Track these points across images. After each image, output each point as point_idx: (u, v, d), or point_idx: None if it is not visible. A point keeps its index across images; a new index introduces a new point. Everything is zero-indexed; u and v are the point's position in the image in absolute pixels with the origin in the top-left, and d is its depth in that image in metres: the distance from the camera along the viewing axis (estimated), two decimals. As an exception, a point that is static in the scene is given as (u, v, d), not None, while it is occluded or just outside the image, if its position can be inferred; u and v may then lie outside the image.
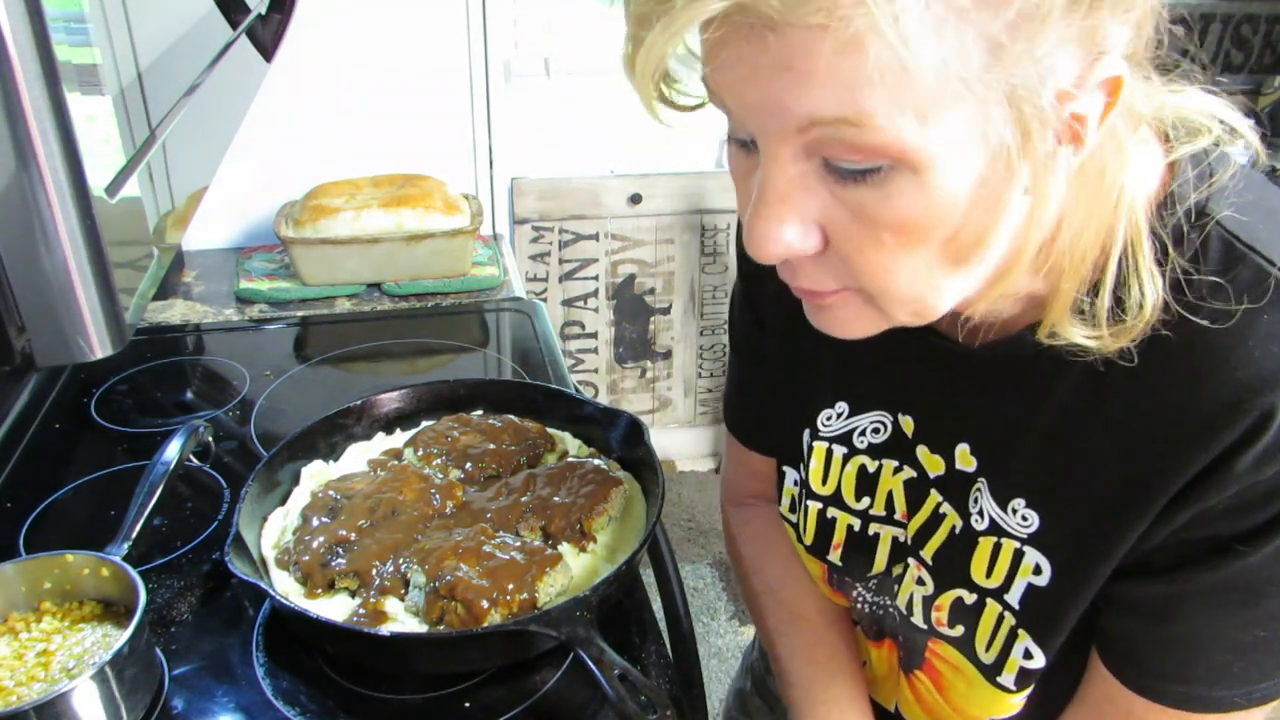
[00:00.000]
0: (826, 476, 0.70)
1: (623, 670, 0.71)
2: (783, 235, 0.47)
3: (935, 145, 0.42)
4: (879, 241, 0.46)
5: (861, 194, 0.45)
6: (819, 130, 0.43)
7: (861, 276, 0.48)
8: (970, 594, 0.63)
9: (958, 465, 0.62)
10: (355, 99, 1.74)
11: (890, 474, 0.67)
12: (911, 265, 0.47)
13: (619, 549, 0.89)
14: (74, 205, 0.39)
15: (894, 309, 0.50)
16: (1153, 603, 0.56)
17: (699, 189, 2.31)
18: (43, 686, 0.73)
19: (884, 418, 0.67)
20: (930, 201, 0.44)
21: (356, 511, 0.89)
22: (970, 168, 0.44)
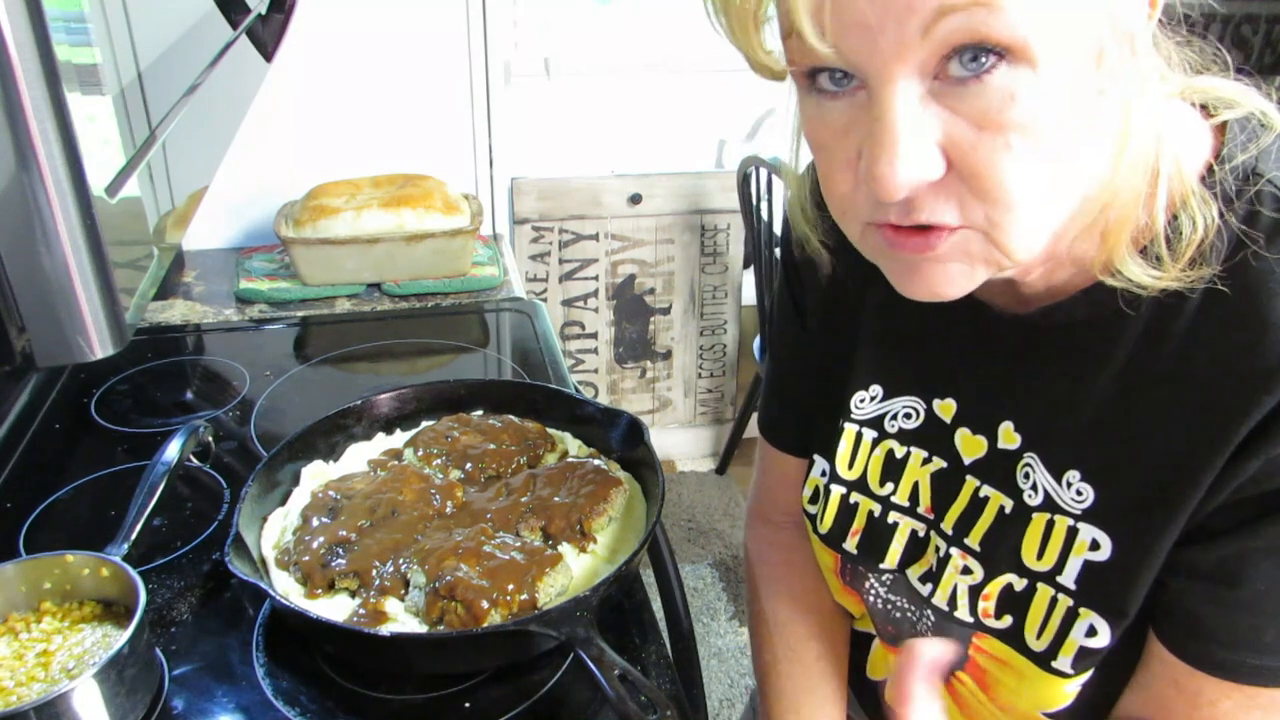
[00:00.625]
0: (854, 460, 0.70)
1: (623, 670, 0.71)
2: (914, 157, 0.46)
3: (1048, 36, 0.43)
4: (1008, 145, 0.46)
5: (983, 98, 0.45)
6: (947, 20, 0.42)
7: (990, 186, 0.47)
8: (1020, 579, 0.61)
9: (1000, 444, 0.62)
10: (355, 99, 1.74)
11: (919, 464, 0.67)
12: (1033, 174, 0.46)
13: (619, 549, 0.89)
14: (74, 205, 0.39)
15: (1010, 235, 0.48)
16: (1219, 565, 0.54)
17: (699, 189, 2.31)
18: (43, 687, 0.73)
19: (916, 404, 0.67)
20: (1046, 95, 0.45)
21: (356, 512, 0.89)
22: (1077, 66, 0.45)
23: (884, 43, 0.44)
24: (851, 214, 0.52)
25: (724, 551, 2.36)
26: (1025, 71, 0.44)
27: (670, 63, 2.18)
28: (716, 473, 2.67)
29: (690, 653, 0.96)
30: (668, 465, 2.68)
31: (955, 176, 0.47)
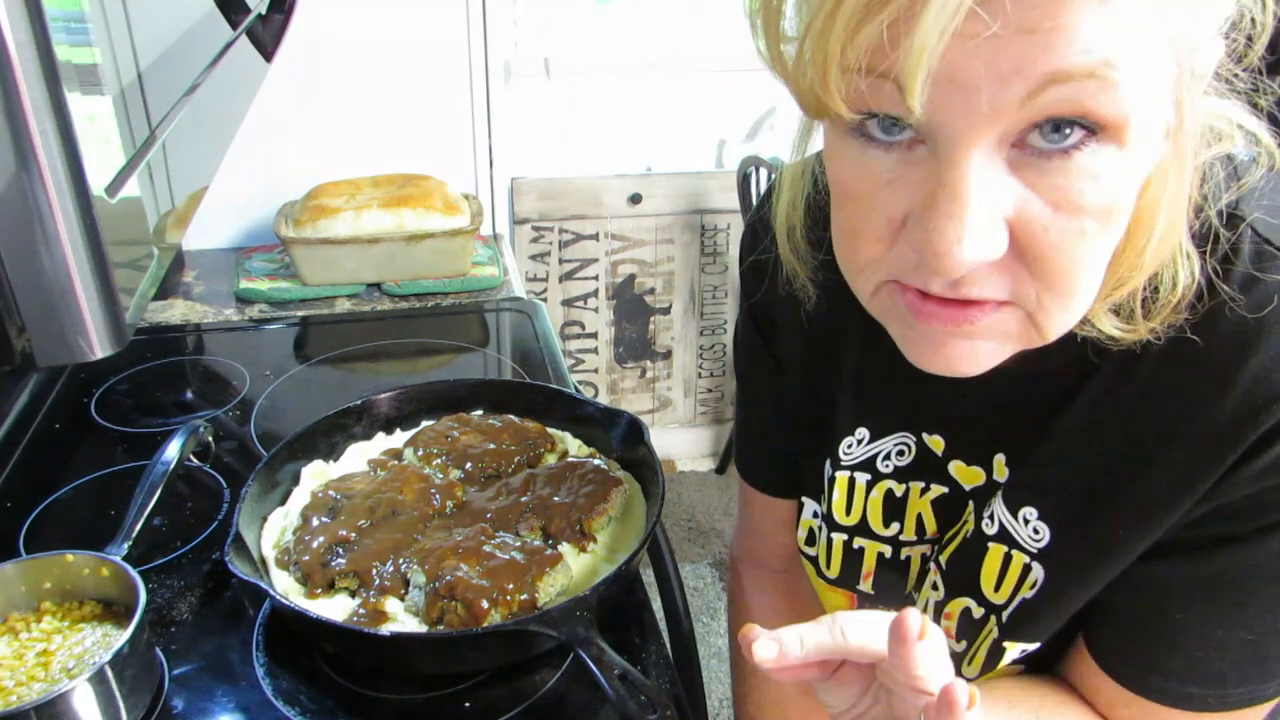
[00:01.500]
0: (850, 506, 0.68)
1: (623, 670, 0.71)
2: (983, 235, 0.41)
3: (1140, 111, 0.40)
4: (1082, 231, 0.42)
5: (1066, 176, 0.41)
6: (1055, 90, 0.38)
7: (1056, 275, 0.44)
8: (978, 607, 0.62)
9: (994, 475, 0.61)
10: (355, 99, 1.74)
11: (918, 495, 0.65)
12: (1097, 257, 0.44)
13: (619, 549, 0.89)
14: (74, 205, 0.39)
15: (1053, 322, 0.46)
16: (1147, 588, 0.55)
17: (699, 189, 2.31)
18: (43, 686, 0.73)
19: (908, 439, 0.65)
20: (1125, 179, 0.42)
21: (356, 511, 0.89)
22: (1150, 144, 0.42)
23: (978, 105, 0.39)
24: (871, 271, 0.48)
25: (724, 551, 2.36)
26: (1113, 150, 0.40)
27: (670, 63, 2.18)
28: (716, 472, 2.67)
29: (690, 653, 0.96)
30: (668, 465, 2.68)
31: (1016, 254, 0.44)
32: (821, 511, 0.70)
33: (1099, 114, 0.39)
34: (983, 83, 0.39)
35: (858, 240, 0.47)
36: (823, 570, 0.72)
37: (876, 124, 0.44)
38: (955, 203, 0.41)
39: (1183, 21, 0.39)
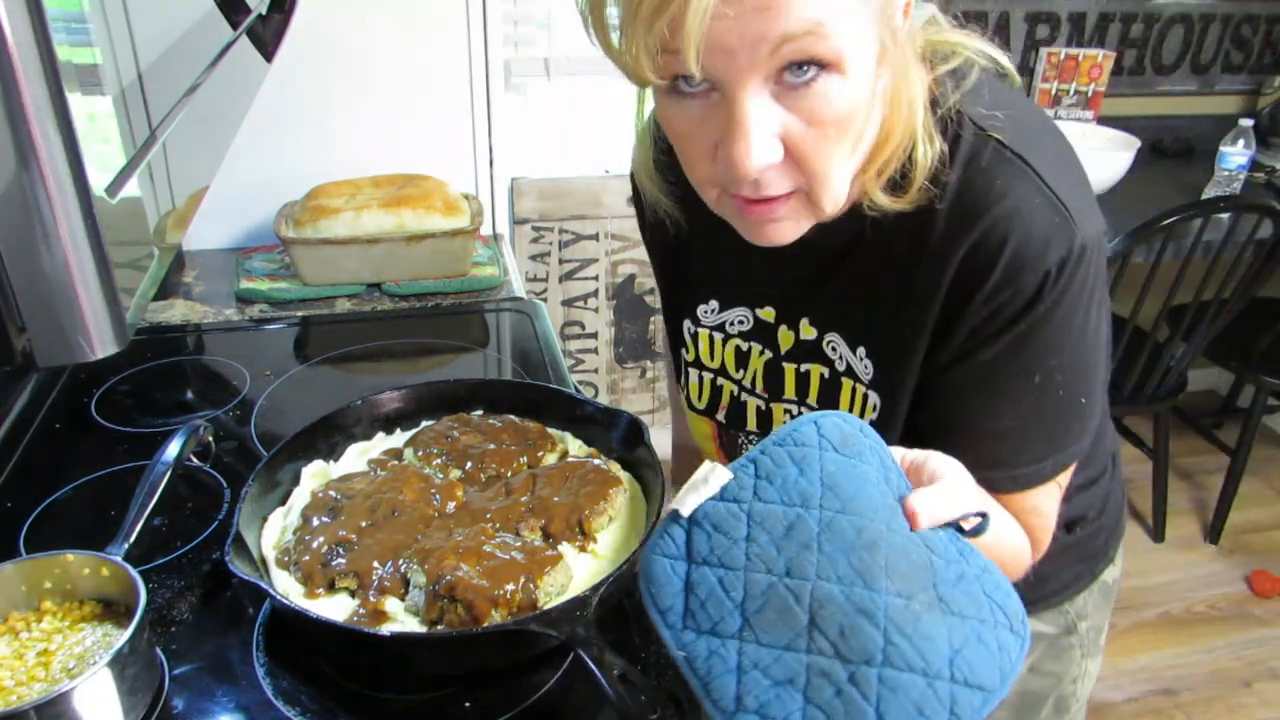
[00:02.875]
0: (713, 354, 0.88)
1: (623, 670, 0.71)
2: (765, 147, 0.60)
3: (853, 51, 0.58)
4: (825, 136, 0.61)
5: (808, 101, 0.59)
6: (788, 45, 0.56)
7: (813, 167, 0.62)
8: None
9: (801, 336, 0.81)
10: (355, 99, 1.74)
11: (756, 355, 0.85)
12: (841, 153, 0.62)
13: (619, 549, 0.89)
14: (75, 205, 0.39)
15: (825, 199, 0.65)
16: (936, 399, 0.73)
17: (699, 189, 2.31)
18: (43, 686, 0.73)
19: (745, 312, 0.85)
20: (851, 96, 0.60)
21: (357, 511, 0.89)
22: (869, 67, 0.60)
23: (740, 61, 0.57)
24: (708, 185, 0.67)
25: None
26: (837, 79, 0.59)
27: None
28: (716, 473, 2.67)
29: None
30: (667, 465, 2.68)
31: (789, 158, 0.62)
32: (688, 359, 0.91)
33: (821, 56, 0.57)
34: (739, 47, 0.56)
35: (692, 164, 0.66)
36: (694, 402, 0.93)
37: (683, 83, 0.61)
38: (739, 129, 0.59)
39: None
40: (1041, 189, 0.65)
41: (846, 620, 0.52)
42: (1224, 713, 2.02)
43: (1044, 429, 0.71)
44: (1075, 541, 0.89)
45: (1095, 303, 0.69)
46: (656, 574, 0.57)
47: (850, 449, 0.58)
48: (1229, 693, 2.06)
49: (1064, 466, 0.73)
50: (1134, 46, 2.63)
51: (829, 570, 0.54)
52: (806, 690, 0.52)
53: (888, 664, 0.52)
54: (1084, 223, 0.66)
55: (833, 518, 0.55)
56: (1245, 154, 2.27)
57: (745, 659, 0.53)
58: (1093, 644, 0.95)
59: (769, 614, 0.54)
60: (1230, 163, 2.28)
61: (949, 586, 0.55)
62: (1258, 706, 2.04)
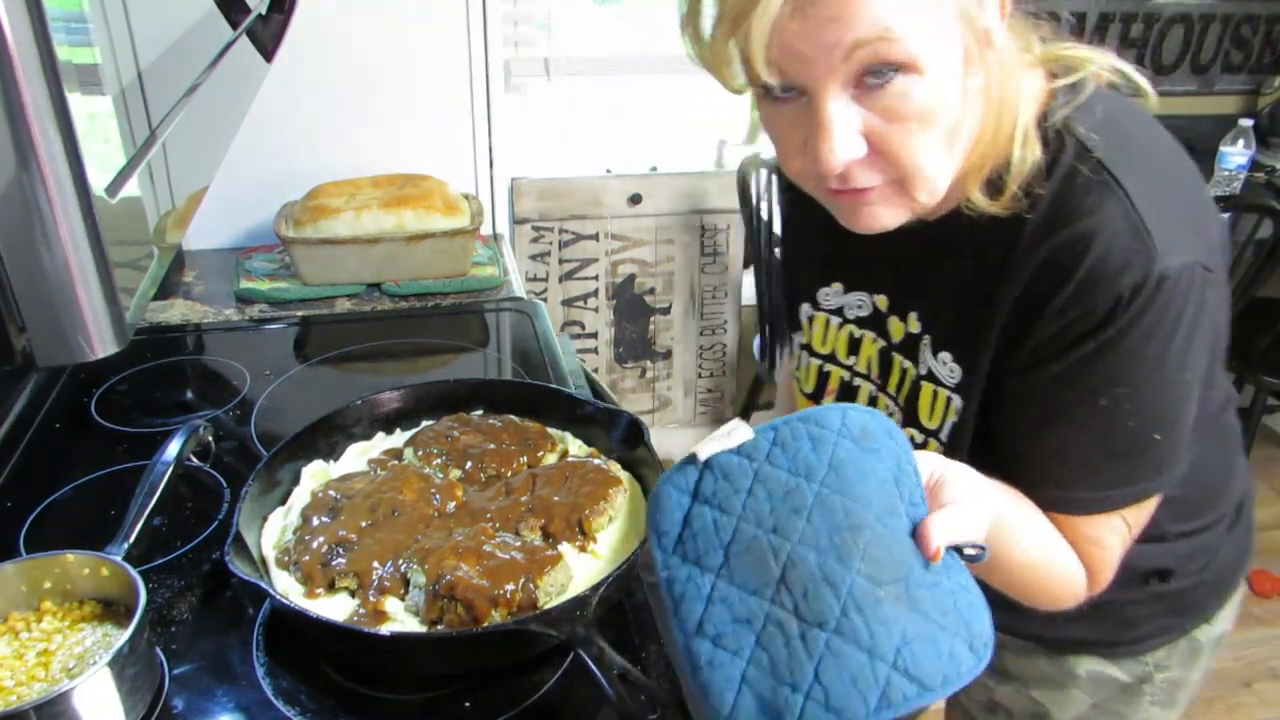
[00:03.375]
0: (826, 339, 0.91)
1: (623, 670, 0.71)
2: (847, 144, 0.64)
3: (934, 50, 0.62)
4: (908, 133, 0.64)
5: (888, 99, 0.63)
6: (860, 51, 0.60)
7: (899, 162, 0.66)
8: (919, 434, 0.81)
9: (910, 329, 0.82)
10: (355, 99, 1.74)
11: (869, 342, 0.87)
12: (928, 148, 0.65)
13: (619, 549, 0.89)
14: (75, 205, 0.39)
15: (918, 189, 0.67)
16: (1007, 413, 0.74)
17: (699, 189, 2.31)
18: (43, 686, 0.73)
19: (865, 298, 0.87)
20: (933, 92, 0.63)
21: (357, 511, 0.89)
22: (951, 66, 0.64)
23: (818, 69, 0.62)
24: (804, 179, 0.71)
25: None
26: (915, 78, 0.62)
27: (670, 63, 2.18)
28: (716, 473, 2.67)
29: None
30: (667, 465, 2.68)
31: (875, 153, 0.66)
32: (802, 343, 0.94)
33: (893, 59, 0.61)
34: (814, 55, 0.61)
35: (787, 160, 0.71)
36: (802, 386, 0.95)
37: (778, 89, 0.65)
38: (823, 129, 0.64)
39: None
40: (1130, 213, 0.65)
41: (812, 585, 0.57)
42: (1224, 712, 2.01)
43: (1108, 457, 0.70)
44: (1168, 592, 0.87)
45: (1182, 338, 0.67)
46: (663, 500, 0.63)
47: (868, 444, 0.62)
48: (1229, 692, 2.06)
49: (1131, 501, 0.72)
50: (1134, 46, 2.63)
51: (811, 538, 0.58)
52: (760, 634, 0.57)
53: (838, 633, 0.56)
54: (1170, 253, 0.65)
55: (829, 495, 0.59)
56: (1245, 154, 2.27)
57: (716, 592, 0.59)
58: (1167, 695, 0.92)
59: (747, 560, 0.59)
60: (1230, 163, 2.28)
61: (920, 588, 0.58)
62: (1258, 706, 2.04)
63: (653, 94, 2.26)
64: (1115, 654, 0.90)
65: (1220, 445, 0.86)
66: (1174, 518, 0.82)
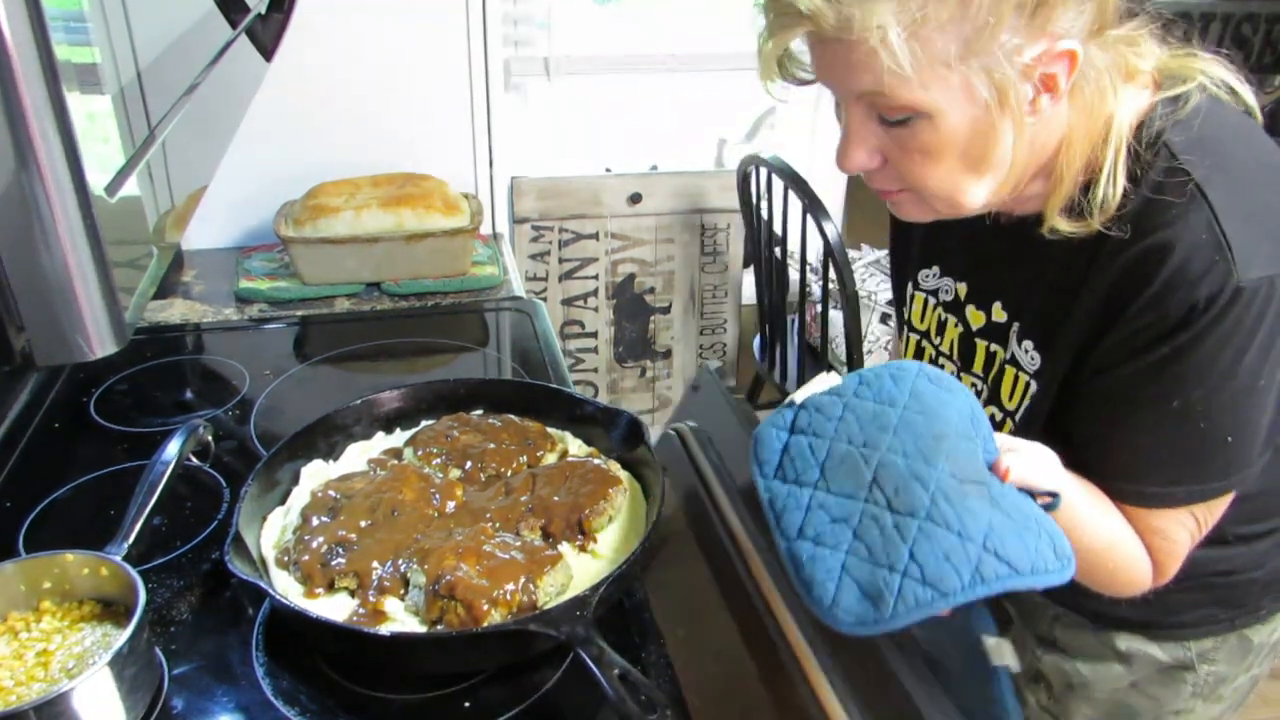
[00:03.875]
0: (924, 317, 0.97)
1: (623, 670, 0.71)
2: (856, 156, 0.74)
3: (936, 103, 0.68)
4: (913, 161, 0.72)
5: (899, 133, 0.71)
6: (865, 97, 0.70)
7: (910, 181, 0.74)
8: (999, 413, 0.87)
9: (994, 318, 0.87)
10: (355, 99, 1.74)
11: (951, 326, 0.93)
12: (936, 175, 0.72)
13: (619, 549, 0.89)
14: (74, 204, 0.39)
15: (934, 203, 0.75)
16: (1084, 409, 0.78)
17: (699, 189, 2.31)
18: (43, 686, 0.73)
19: (950, 284, 0.93)
20: (940, 136, 0.70)
21: (357, 511, 0.89)
22: (965, 113, 0.69)
23: (843, 94, 0.72)
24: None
25: (724, 551, 2.36)
26: (925, 121, 0.69)
27: (670, 63, 2.18)
28: (716, 472, 2.67)
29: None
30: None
31: (891, 168, 0.74)
32: (905, 318, 1.01)
33: (898, 108, 0.69)
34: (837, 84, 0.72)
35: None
36: (903, 359, 0.98)
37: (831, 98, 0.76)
38: (844, 137, 0.74)
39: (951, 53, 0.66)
40: (1212, 226, 0.68)
41: (902, 482, 0.64)
42: (1224, 712, 2.02)
43: (1179, 456, 0.74)
44: (1217, 585, 0.89)
45: (1257, 348, 0.69)
46: (763, 436, 0.71)
47: (944, 384, 0.69)
48: (1229, 692, 2.06)
49: (1200, 499, 0.75)
50: (1134, 46, 2.63)
51: (898, 447, 0.65)
52: (858, 529, 0.64)
53: (929, 519, 0.62)
54: (1250, 266, 0.68)
55: (912, 416, 0.67)
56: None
57: (814, 501, 0.66)
58: (1210, 690, 0.94)
59: (841, 471, 0.66)
60: (1230, 162, 2.28)
61: (1002, 495, 0.64)
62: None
63: (653, 94, 2.26)
64: (1156, 634, 0.93)
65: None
66: (1238, 520, 0.83)
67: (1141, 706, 0.96)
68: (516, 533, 0.88)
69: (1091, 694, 0.97)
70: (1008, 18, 0.65)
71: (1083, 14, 0.67)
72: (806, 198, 1.89)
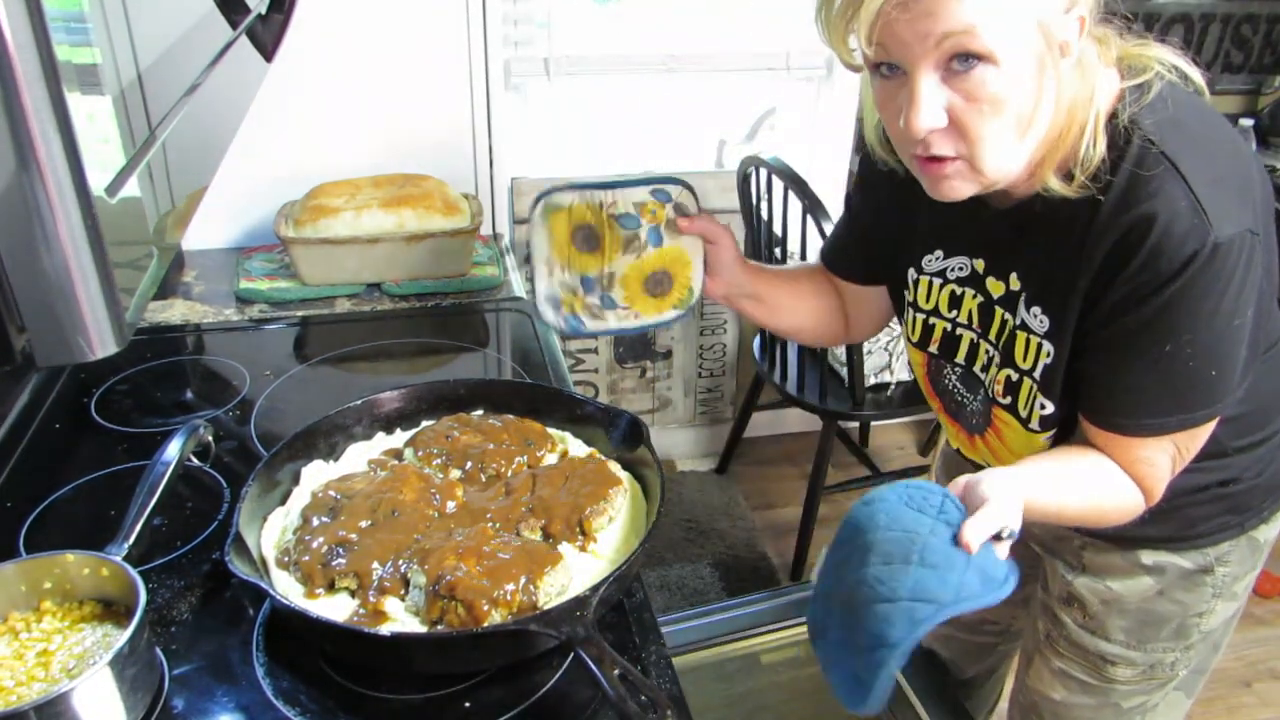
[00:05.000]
0: (930, 297, 1.04)
1: (623, 670, 0.71)
2: (929, 114, 0.78)
3: (1010, 47, 0.75)
4: (981, 112, 0.78)
5: (969, 84, 0.77)
6: (949, 41, 0.75)
7: (971, 135, 0.79)
8: (1015, 373, 0.95)
9: (1011, 287, 0.94)
10: (355, 99, 1.74)
11: (970, 298, 1.00)
12: (998, 130, 0.79)
13: (619, 549, 0.89)
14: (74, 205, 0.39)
15: (989, 164, 0.81)
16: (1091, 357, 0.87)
17: (699, 189, 2.31)
18: (43, 686, 0.73)
19: (965, 260, 0.99)
20: (1006, 83, 0.77)
21: (357, 511, 0.89)
22: (1025, 64, 0.77)
23: (915, 52, 0.77)
24: (901, 146, 0.86)
25: (725, 552, 2.36)
26: (992, 69, 0.76)
27: (670, 63, 2.18)
28: (716, 472, 2.67)
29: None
30: (667, 465, 2.68)
31: (954, 127, 0.80)
32: (909, 300, 1.07)
33: (976, 50, 0.75)
34: (912, 40, 0.76)
35: (891, 130, 0.85)
36: (909, 336, 1.09)
37: (885, 68, 0.81)
38: (914, 99, 0.78)
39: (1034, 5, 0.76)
40: (1188, 194, 0.79)
41: (862, 593, 0.79)
42: (1224, 713, 2.02)
43: (1170, 390, 0.85)
44: (1227, 494, 1.01)
45: (1233, 292, 0.81)
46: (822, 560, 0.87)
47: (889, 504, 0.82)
48: (1229, 693, 2.06)
49: (1188, 426, 0.86)
50: (1134, 46, 2.63)
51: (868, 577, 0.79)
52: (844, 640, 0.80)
53: (871, 602, 0.77)
54: (1223, 224, 0.79)
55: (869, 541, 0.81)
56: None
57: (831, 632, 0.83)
58: (1226, 589, 1.07)
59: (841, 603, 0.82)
60: (1230, 162, 2.28)
61: (927, 554, 0.77)
62: (1258, 706, 2.04)
63: (653, 94, 2.26)
64: (1181, 547, 1.04)
65: (1274, 372, 0.98)
66: (1234, 435, 0.96)
67: (1170, 611, 1.06)
68: (517, 533, 0.89)
69: (1124, 606, 1.07)
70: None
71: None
72: (806, 198, 1.89)
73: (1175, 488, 0.94)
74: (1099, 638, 1.09)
